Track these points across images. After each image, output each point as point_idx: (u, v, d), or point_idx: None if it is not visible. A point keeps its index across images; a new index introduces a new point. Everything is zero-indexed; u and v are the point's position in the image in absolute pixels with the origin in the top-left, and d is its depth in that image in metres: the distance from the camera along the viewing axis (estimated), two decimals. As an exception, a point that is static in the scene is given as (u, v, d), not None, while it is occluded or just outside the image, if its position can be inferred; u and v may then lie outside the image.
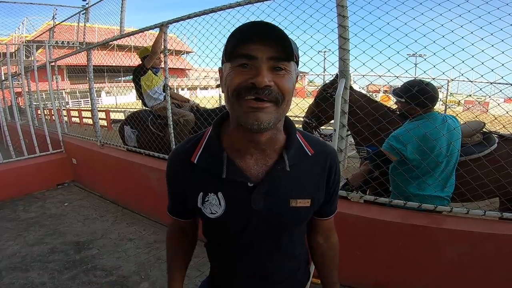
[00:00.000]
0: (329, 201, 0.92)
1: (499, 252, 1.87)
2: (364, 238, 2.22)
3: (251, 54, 0.67)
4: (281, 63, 0.68)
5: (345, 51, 2.03)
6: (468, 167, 2.15)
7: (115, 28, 4.69)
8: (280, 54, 0.67)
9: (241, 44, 0.67)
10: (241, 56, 0.67)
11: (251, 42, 0.66)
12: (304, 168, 0.83)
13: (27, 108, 5.91)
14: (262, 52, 0.66)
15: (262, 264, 0.89)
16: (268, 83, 0.66)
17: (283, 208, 0.81)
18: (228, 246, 0.89)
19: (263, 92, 0.66)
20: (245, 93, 0.67)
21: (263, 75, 0.66)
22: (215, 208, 0.81)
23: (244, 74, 0.68)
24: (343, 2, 1.96)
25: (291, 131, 0.83)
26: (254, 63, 0.67)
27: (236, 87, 0.68)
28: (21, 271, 2.69)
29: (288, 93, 0.70)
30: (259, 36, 0.66)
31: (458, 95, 7.82)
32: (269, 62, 0.67)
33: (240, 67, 0.68)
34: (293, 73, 0.72)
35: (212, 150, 0.81)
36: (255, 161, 0.80)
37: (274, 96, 0.68)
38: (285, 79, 0.69)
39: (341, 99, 2.08)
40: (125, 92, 21.61)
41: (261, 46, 0.66)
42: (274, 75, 0.68)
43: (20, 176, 4.70)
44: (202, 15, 2.78)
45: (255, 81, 0.66)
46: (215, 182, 0.80)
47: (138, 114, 4.07)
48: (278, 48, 0.67)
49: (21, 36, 8.75)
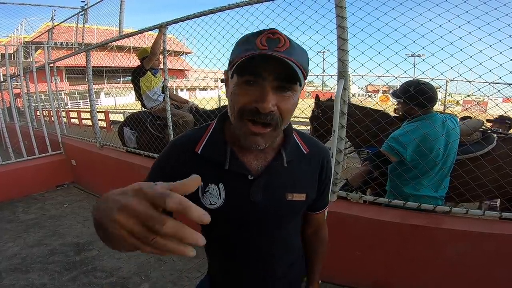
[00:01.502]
0: (321, 196, 0.97)
1: (498, 252, 1.88)
2: (363, 238, 2.23)
3: (259, 73, 0.67)
4: (287, 83, 0.69)
5: (344, 52, 2.03)
6: (466, 166, 2.16)
7: (114, 29, 4.69)
8: (288, 76, 0.67)
9: (250, 63, 0.66)
10: (248, 72, 0.68)
11: (262, 60, 0.66)
12: (299, 165, 0.88)
13: (26, 110, 5.91)
14: (268, 73, 0.67)
15: (260, 258, 0.91)
16: (271, 109, 0.68)
17: (280, 202, 0.85)
18: (226, 240, 0.91)
19: (266, 117, 0.69)
20: (247, 115, 0.70)
21: (268, 101, 0.67)
22: (215, 199, 0.82)
23: (249, 94, 0.69)
24: (341, 3, 1.96)
25: (288, 131, 0.87)
26: (260, 82, 0.68)
27: (240, 108, 0.70)
28: (21, 273, 2.69)
29: (288, 115, 0.73)
30: (269, 58, 0.65)
31: (457, 95, 7.83)
32: (275, 82, 0.68)
33: (245, 84, 0.69)
34: (298, 92, 0.73)
35: (216, 142, 0.84)
36: (255, 156, 0.84)
37: (275, 120, 0.71)
38: (289, 101, 0.71)
39: (340, 100, 2.08)
40: (124, 93, 21.56)
41: (269, 65, 0.66)
42: (278, 96, 0.69)
43: (19, 177, 4.70)
44: (201, 16, 2.79)
45: (259, 106, 0.68)
46: (217, 173, 0.82)
47: (137, 115, 4.07)
48: (287, 72, 0.66)
49: (20, 37, 8.72)
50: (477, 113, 4.74)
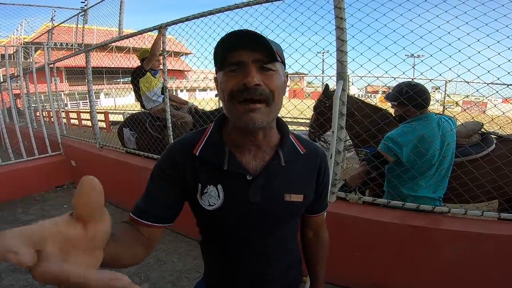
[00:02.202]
0: (319, 198, 0.98)
1: (497, 252, 1.88)
2: (362, 239, 2.23)
3: (239, 60, 0.73)
4: (267, 64, 0.74)
5: (343, 53, 2.03)
6: (465, 168, 2.17)
7: (113, 30, 4.69)
8: (264, 56, 0.74)
9: (228, 53, 0.74)
10: (230, 64, 0.75)
11: (237, 50, 0.73)
12: (297, 165, 0.89)
13: (25, 110, 5.91)
14: (247, 56, 0.73)
15: (257, 259, 0.90)
16: (257, 82, 0.72)
17: (278, 202, 0.86)
18: (224, 242, 0.91)
19: (254, 92, 0.72)
20: (238, 95, 0.73)
21: (252, 75, 0.72)
22: (213, 200, 0.83)
23: (235, 78, 0.74)
24: (340, 4, 1.96)
25: (284, 131, 0.90)
26: (243, 67, 0.73)
27: (230, 91, 0.74)
28: (20, 273, 2.68)
29: (278, 90, 0.76)
30: (242, 44, 0.73)
31: (456, 96, 7.84)
32: (256, 65, 0.74)
33: (231, 73, 0.75)
34: (280, 72, 0.78)
35: (214, 144, 0.85)
36: (253, 156, 0.85)
37: (265, 94, 0.74)
38: (273, 78, 0.76)
39: (339, 101, 2.08)
40: (124, 94, 21.57)
41: (246, 51, 0.73)
42: (263, 75, 0.74)
43: (19, 178, 4.69)
44: (201, 17, 2.80)
45: (246, 81, 0.72)
46: (216, 174, 0.83)
47: (137, 116, 4.07)
48: (262, 51, 0.73)
49: (20, 38, 8.72)
50: (476, 113, 4.75)
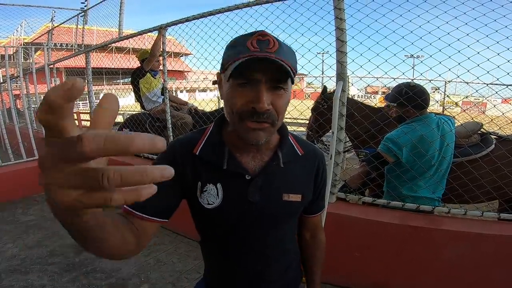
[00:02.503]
0: (316, 199, 0.99)
1: (497, 253, 1.89)
2: (362, 239, 2.23)
3: (251, 77, 0.71)
4: (280, 83, 0.73)
5: (343, 53, 2.04)
6: (465, 168, 2.17)
7: (113, 31, 4.69)
8: (279, 76, 0.72)
9: (242, 65, 0.68)
10: (241, 76, 0.71)
11: (253, 64, 0.69)
12: (295, 166, 0.90)
13: (25, 111, 5.91)
14: (261, 75, 0.70)
15: (256, 260, 0.91)
16: (267, 107, 0.71)
17: (276, 202, 0.86)
18: (223, 241, 0.91)
19: (263, 116, 0.72)
20: (246, 117, 0.73)
21: (263, 101, 0.70)
22: (212, 199, 0.83)
23: (244, 96, 0.72)
24: (340, 5, 1.97)
25: (284, 133, 0.91)
26: (254, 84, 0.71)
27: (238, 110, 0.73)
28: (20, 274, 2.68)
29: (282, 111, 0.77)
30: (261, 62, 0.69)
31: (456, 97, 7.85)
32: (268, 83, 0.71)
33: (240, 87, 0.72)
34: (289, 89, 0.77)
35: (214, 144, 0.85)
36: (252, 157, 0.86)
37: (272, 118, 0.74)
38: (283, 99, 0.75)
39: (339, 102, 2.09)
40: (123, 95, 21.57)
41: (259, 68, 0.70)
42: (272, 94, 0.73)
43: (19, 178, 4.68)
44: (201, 18, 2.80)
45: (256, 106, 0.70)
46: (215, 173, 0.84)
47: (136, 117, 4.08)
48: (279, 69, 0.70)
49: (20, 38, 8.73)
50: (476, 114, 4.75)
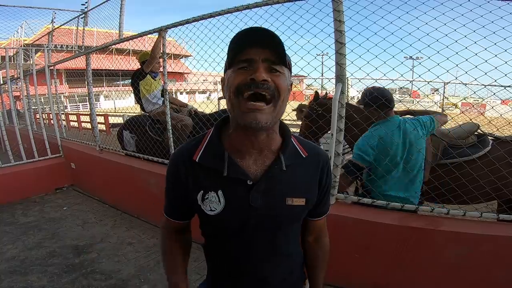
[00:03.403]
0: (321, 201, 0.97)
1: (496, 253, 1.89)
2: (362, 240, 2.23)
3: (249, 58, 0.74)
4: (275, 66, 0.75)
5: (342, 55, 2.05)
6: (463, 169, 2.18)
7: (113, 32, 4.70)
8: (274, 57, 0.74)
9: (240, 51, 0.74)
10: (241, 61, 0.75)
11: (249, 47, 0.74)
12: (298, 169, 0.88)
13: (25, 112, 5.91)
14: (258, 55, 0.73)
15: (259, 264, 0.91)
16: (265, 77, 0.73)
17: (279, 206, 0.85)
18: (226, 246, 0.91)
19: (262, 86, 0.73)
20: (245, 89, 0.73)
21: (260, 71, 0.73)
22: (215, 205, 0.84)
23: (243, 74, 0.74)
24: (339, 7, 1.98)
25: (286, 135, 0.89)
26: (252, 65, 0.74)
27: (237, 85, 0.74)
28: (20, 275, 2.69)
29: (284, 91, 0.77)
30: (255, 42, 0.74)
31: (456, 98, 7.86)
32: (265, 64, 0.74)
33: (241, 70, 0.75)
34: (286, 76, 0.78)
35: (214, 149, 0.85)
36: (254, 161, 0.85)
37: (272, 91, 0.74)
38: (281, 79, 0.76)
39: (338, 104, 2.09)
40: (123, 96, 21.58)
41: (257, 49, 0.74)
42: (270, 74, 0.74)
43: (18, 180, 4.70)
44: (201, 20, 2.80)
45: (254, 76, 0.72)
46: (216, 180, 0.83)
47: (136, 119, 4.08)
48: (273, 52, 0.74)
49: (20, 40, 8.73)
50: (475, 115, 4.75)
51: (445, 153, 2.42)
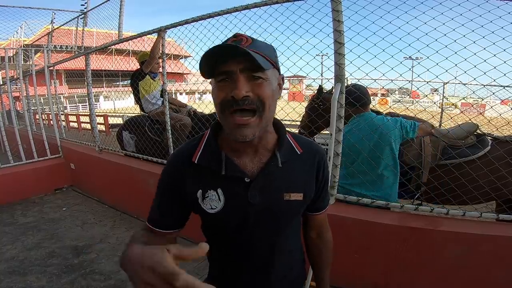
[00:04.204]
0: (320, 196, 0.99)
1: (496, 253, 1.88)
2: (362, 240, 2.23)
3: (227, 70, 0.73)
4: (256, 73, 0.74)
5: (341, 55, 2.04)
6: (463, 169, 2.18)
7: (113, 33, 4.70)
8: (252, 65, 0.72)
9: (217, 64, 0.74)
10: (220, 73, 0.75)
11: (224, 62, 0.73)
12: (294, 165, 0.90)
13: (25, 113, 5.90)
14: (235, 66, 0.73)
15: (260, 260, 0.92)
16: (245, 94, 0.72)
17: (277, 202, 0.87)
18: (226, 243, 0.92)
19: (243, 103, 0.73)
20: (227, 108, 0.74)
21: (239, 88, 0.72)
22: (215, 204, 0.85)
23: (225, 89, 0.75)
24: (338, 7, 1.98)
25: (281, 132, 0.91)
26: (232, 77, 0.74)
27: (220, 103, 0.76)
28: (19, 275, 2.68)
29: (267, 99, 0.76)
30: (227, 55, 0.73)
31: (455, 98, 7.87)
32: (245, 74, 0.73)
33: (221, 83, 0.75)
34: (271, 79, 0.78)
35: (211, 150, 0.86)
36: (250, 159, 0.86)
37: (254, 104, 0.74)
38: (263, 87, 0.75)
39: (337, 104, 2.09)
40: (123, 97, 21.59)
41: (234, 61, 0.73)
42: (252, 84, 0.74)
43: (18, 181, 4.70)
44: (200, 20, 2.80)
45: (234, 93, 0.72)
46: (215, 179, 0.85)
47: (136, 119, 4.08)
48: (247, 62, 0.72)
49: (19, 40, 8.73)
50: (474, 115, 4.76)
51: (444, 153, 2.42)
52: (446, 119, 5.83)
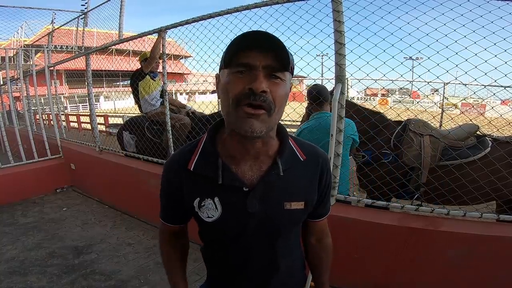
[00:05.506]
0: (322, 202, 0.95)
1: (496, 254, 1.88)
2: (362, 241, 2.23)
3: (249, 62, 0.69)
4: (277, 72, 0.71)
5: (341, 56, 2.04)
6: (463, 170, 2.18)
7: (113, 33, 4.70)
8: (276, 64, 0.70)
9: (241, 51, 0.70)
10: (239, 64, 0.70)
11: (250, 50, 0.69)
12: (297, 172, 0.86)
13: (25, 113, 5.91)
14: (259, 61, 0.69)
15: (259, 269, 0.90)
16: (265, 89, 0.69)
17: (278, 211, 0.83)
18: (224, 250, 0.90)
19: (260, 98, 0.69)
20: (243, 100, 0.70)
21: (260, 81, 0.68)
22: (212, 212, 0.82)
23: (242, 82, 0.70)
24: (338, 7, 1.98)
25: (284, 137, 0.87)
26: (251, 71, 0.70)
27: (236, 95, 0.70)
28: (19, 275, 2.68)
29: (280, 101, 0.73)
30: (257, 45, 0.69)
31: (455, 98, 7.87)
32: (265, 71, 0.70)
33: (238, 74, 0.71)
34: (287, 82, 0.75)
35: (208, 157, 0.83)
36: (249, 166, 0.82)
37: (268, 103, 0.70)
38: (280, 88, 0.72)
39: (338, 104, 2.09)
40: (123, 97, 21.59)
41: (258, 54, 0.69)
42: (270, 83, 0.70)
43: (18, 181, 4.69)
44: (200, 20, 2.80)
45: (253, 86, 0.68)
46: (211, 188, 0.82)
47: (136, 119, 4.08)
48: (275, 58, 0.70)
49: (20, 40, 8.73)
50: (475, 115, 4.76)
51: (445, 154, 2.42)
52: (447, 119, 5.83)
